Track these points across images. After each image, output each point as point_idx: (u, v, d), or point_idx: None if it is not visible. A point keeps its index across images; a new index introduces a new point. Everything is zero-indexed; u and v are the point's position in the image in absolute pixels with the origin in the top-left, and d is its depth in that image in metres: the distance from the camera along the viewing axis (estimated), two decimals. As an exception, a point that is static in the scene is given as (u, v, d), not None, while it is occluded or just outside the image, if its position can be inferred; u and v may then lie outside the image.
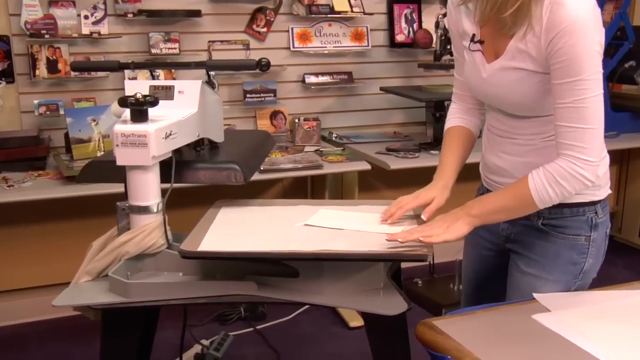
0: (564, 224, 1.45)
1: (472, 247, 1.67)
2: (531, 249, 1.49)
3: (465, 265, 1.72)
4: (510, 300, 1.49)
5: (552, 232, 1.46)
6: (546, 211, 1.43)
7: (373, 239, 1.39)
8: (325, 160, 2.79)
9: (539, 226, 1.47)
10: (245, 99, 3.09)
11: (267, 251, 1.33)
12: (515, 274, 1.52)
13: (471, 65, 1.49)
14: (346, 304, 1.37)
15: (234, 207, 1.63)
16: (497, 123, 1.50)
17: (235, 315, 2.90)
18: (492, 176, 1.55)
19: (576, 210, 1.45)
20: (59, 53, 2.79)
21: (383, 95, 3.29)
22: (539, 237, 1.48)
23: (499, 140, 1.50)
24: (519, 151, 1.46)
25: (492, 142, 1.53)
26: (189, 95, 1.49)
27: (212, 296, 1.36)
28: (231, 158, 1.57)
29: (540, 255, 1.47)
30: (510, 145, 1.48)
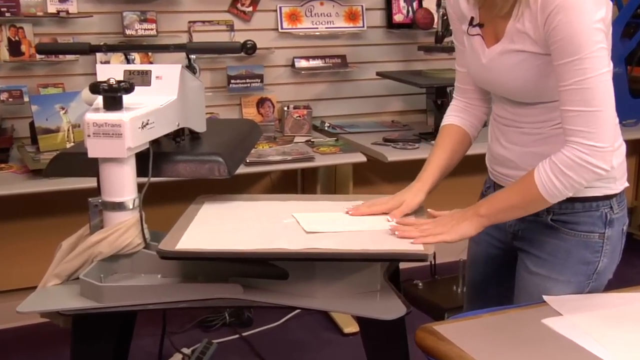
0: (575, 219, 1.45)
1: (478, 244, 1.68)
2: (540, 247, 1.50)
3: (469, 264, 1.73)
4: (518, 303, 1.50)
5: (563, 229, 1.46)
6: (556, 206, 1.42)
7: (368, 237, 1.39)
8: (316, 151, 2.79)
9: (549, 222, 1.48)
10: (229, 85, 3.08)
11: (254, 250, 1.33)
12: (524, 274, 1.53)
13: (471, 52, 1.50)
14: (340, 307, 1.37)
15: (217, 202, 1.63)
16: (503, 112, 1.51)
17: (219, 321, 2.90)
18: (499, 168, 1.56)
19: (589, 205, 1.44)
20: (22, 34, 2.77)
21: (380, 81, 3.29)
22: (548, 234, 1.48)
23: (505, 129, 1.51)
24: (526, 141, 1.47)
25: (498, 132, 1.54)
26: (168, 81, 1.49)
27: (193, 300, 1.36)
28: (214, 149, 1.57)
29: (549, 254, 1.48)
30: (516, 134, 1.49)
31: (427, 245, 1.35)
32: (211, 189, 1.79)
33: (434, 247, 1.35)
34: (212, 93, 3.04)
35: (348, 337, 2.85)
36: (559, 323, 1.28)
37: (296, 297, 1.38)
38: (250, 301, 1.37)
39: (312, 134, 3.07)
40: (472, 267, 1.72)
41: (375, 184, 3.36)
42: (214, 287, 1.37)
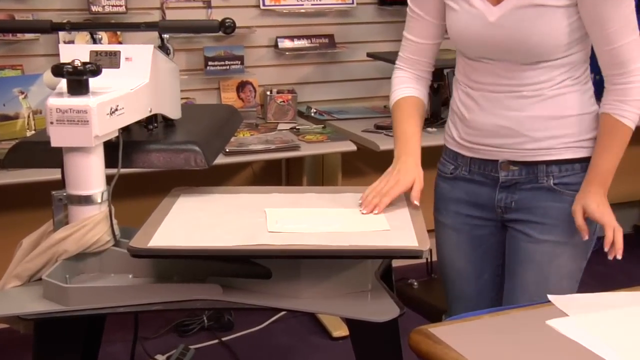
0: (577, 180, 1.57)
1: (458, 231, 1.71)
2: (545, 213, 1.58)
3: (451, 256, 1.74)
4: (524, 277, 1.56)
5: (566, 192, 1.57)
6: (556, 169, 1.57)
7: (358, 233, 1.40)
8: (302, 140, 2.79)
9: (551, 186, 1.57)
10: (206, 68, 3.07)
11: (234, 247, 1.33)
12: (528, 245, 1.60)
13: (466, 15, 1.54)
14: (328, 309, 1.38)
15: (193, 195, 1.63)
16: (493, 77, 1.56)
17: (197, 324, 2.90)
18: (486, 139, 1.60)
19: (586, 166, 1.57)
20: (-23, 11, 2.74)
21: (371, 63, 3.28)
22: (551, 199, 1.58)
23: (498, 97, 1.56)
24: (524, 104, 1.54)
25: (486, 101, 1.58)
26: (139, 63, 1.49)
27: (168, 302, 1.36)
28: (190, 138, 1.56)
29: (556, 218, 1.57)
30: (513, 99, 1.55)
31: (422, 240, 1.36)
32: (187, 180, 1.79)
33: (429, 243, 1.35)
34: (188, 76, 3.03)
35: (337, 341, 2.85)
36: (564, 324, 1.29)
37: (280, 298, 1.38)
38: (231, 303, 1.37)
39: (297, 121, 3.06)
40: (457, 258, 1.74)
41: (366, 175, 3.36)
42: (191, 287, 1.37)
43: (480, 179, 1.66)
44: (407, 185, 1.55)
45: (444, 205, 1.73)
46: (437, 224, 1.77)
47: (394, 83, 1.72)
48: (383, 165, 1.70)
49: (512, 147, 1.59)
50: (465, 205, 1.69)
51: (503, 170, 1.62)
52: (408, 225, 1.45)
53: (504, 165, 1.62)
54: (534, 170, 1.60)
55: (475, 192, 1.67)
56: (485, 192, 1.66)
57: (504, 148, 1.60)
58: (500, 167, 1.62)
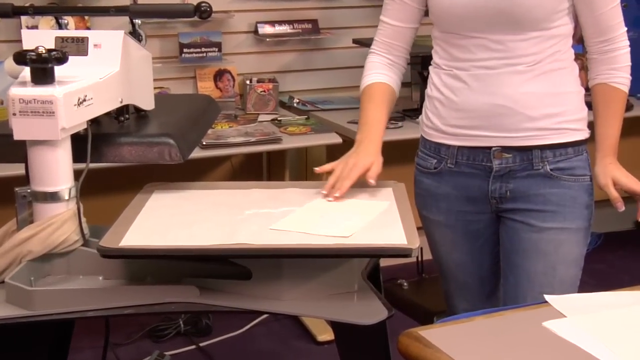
0: (571, 165, 1.65)
1: (452, 228, 1.73)
2: (545, 201, 1.63)
3: (449, 254, 1.76)
4: (532, 271, 1.63)
5: (563, 177, 1.64)
6: (550, 154, 1.63)
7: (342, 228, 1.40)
8: (284, 132, 2.79)
9: (547, 172, 1.63)
10: (181, 55, 3.05)
11: (211, 246, 1.33)
12: (530, 236, 1.64)
13: None
14: (312, 311, 1.38)
15: (168, 191, 1.62)
16: (484, 52, 1.59)
17: (173, 329, 2.89)
18: (480, 122, 1.62)
19: (577, 149, 1.66)
20: None
21: (357, 50, 3.28)
22: (549, 185, 1.63)
23: (490, 74, 1.60)
24: (520, 80, 1.60)
25: (477, 80, 1.61)
26: (108, 50, 1.48)
27: (141, 305, 1.35)
28: (164, 130, 1.56)
29: (557, 204, 1.63)
30: (507, 75, 1.59)
31: (411, 238, 1.36)
32: (161, 176, 1.79)
33: (419, 241, 1.36)
34: (162, 64, 3.02)
35: (322, 345, 2.86)
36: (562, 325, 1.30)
37: (261, 300, 1.38)
38: (208, 305, 1.37)
39: (278, 112, 3.06)
40: (455, 253, 1.76)
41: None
42: (165, 289, 1.37)
43: (469, 171, 1.67)
44: (365, 167, 1.59)
45: (432, 202, 1.74)
46: (427, 222, 1.78)
47: (366, 68, 1.77)
48: (370, 158, 1.69)
49: (506, 129, 1.62)
50: (455, 201, 1.71)
51: (496, 158, 1.64)
52: (396, 222, 1.45)
53: (497, 153, 1.64)
54: (528, 156, 1.63)
55: (464, 185, 1.69)
56: (476, 184, 1.67)
57: (497, 132, 1.62)
58: (493, 156, 1.63)
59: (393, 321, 1.35)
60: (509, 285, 1.70)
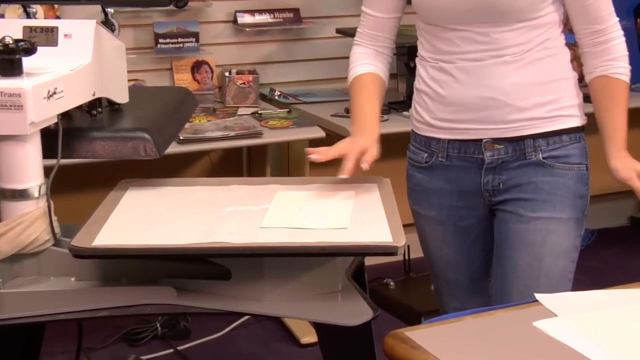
0: (566, 153, 1.66)
1: (443, 224, 1.75)
2: (535, 189, 1.64)
3: (439, 251, 1.78)
4: (518, 262, 1.64)
5: (556, 165, 1.65)
6: (544, 143, 1.64)
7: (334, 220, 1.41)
8: (265, 125, 2.79)
9: (540, 160, 1.64)
10: (157, 46, 3.04)
11: (189, 245, 1.33)
12: (518, 226, 1.65)
13: None
14: (294, 312, 1.38)
15: (143, 188, 1.62)
16: (470, 44, 1.61)
17: (149, 332, 2.88)
18: (468, 115, 1.64)
19: (574, 137, 1.67)
20: None
21: (341, 40, 3.28)
22: (541, 173, 1.65)
23: (477, 66, 1.61)
24: (507, 71, 1.61)
25: (464, 72, 1.62)
26: (80, 41, 1.48)
27: (115, 307, 1.36)
28: (139, 124, 1.56)
29: (548, 193, 1.64)
30: (494, 67, 1.61)
31: (397, 235, 1.37)
32: (136, 172, 1.78)
33: (405, 238, 1.36)
34: (136, 55, 3.00)
35: (306, 348, 2.86)
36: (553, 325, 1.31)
37: (242, 301, 1.38)
38: (186, 307, 1.37)
39: (259, 105, 3.06)
40: (445, 250, 1.77)
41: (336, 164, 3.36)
42: (141, 291, 1.37)
43: (460, 164, 1.68)
44: (363, 146, 1.59)
45: (424, 197, 1.75)
46: (419, 217, 1.79)
47: (352, 60, 1.77)
48: (354, 153, 1.70)
49: (496, 121, 1.63)
50: (447, 195, 1.72)
51: (488, 150, 1.65)
52: (381, 219, 1.45)
53: (488, 144, 1.65)
54: (520, 146, 1.65)
55: (456, 179, 1.70)
56: (468, 177, 1.68)
57: (487, 124, 1.64)
58: (484, 148, 1.65)
59: (379, 322, 1.36)
60: (497, 277, 1.72)
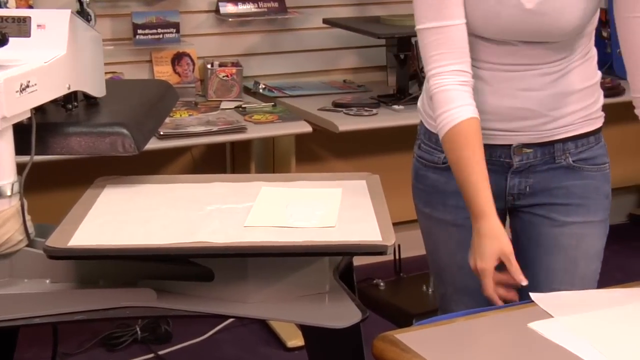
0: (593, 154, 1.68)
1: (459, 227, 1.70)
2: (568, 194, 1.65)
3: (451, 256, 1.76)
4: (552, 267, 1.65)
5: (585, 167, 1.66)
6: (572, 145, 1.65)
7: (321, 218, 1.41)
8: (249, 120, 2.78)
9: (570, 164, 1.65)
10: (135, 37, 3.03)
11: (169, 245, 1.32)
12: (551, 231, 1.66)
13: (495, 2, 1.52)
14: (280, 315, 1.38)
15: (121, 186, 1.62)
16: (511, 57, 1.59)
17: (129, 337, 2.88)
18: (500, 124, 1.62)
19: (598, 137, 1.69)
20: None
21: (328, 31, 3.29)
22: (572, 177, 1.66)
23: (515, 76, 1.60)
24: (546, 82, 1.60)
25: (500, 81, 1.60)
26: (54, 31, 1.47)
27: (93, 310, 1.35)
28: (117, 119, 1.55)
29: (581, 197, 1.65)
30: (533, 78, 1.60)
31: (386, 234, 1.37)
32: (114, 169, 1.78)
33: (394, 237, 1.37)
34: (114, 47, 2.99)
35: (293, 351, 2.86)
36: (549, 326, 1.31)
37: (225, 303, 1.38)
38: (167, 310, 1.37)
39: (243, 98, 3.05)
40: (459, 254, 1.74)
41: (323, 160, 3.38)
42: (120, 293, 1.36)
43: None
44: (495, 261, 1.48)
45: (440, 199, 1.72)
46: (430, 221, 1.75)
47: (445, 99, 1.52)
48: (342, 148, 1.71)
49: (530, 129, 1.63)
50: None
51: (517, 155, 1.64)
52: (370, 217, 1.46)
53: (518, 149, 1.64)
54: (549, 150, 1.65)
55: None
56: (492, 180, 1.63)
57: (519, 131, 1.63)
58: (513, 152, 1.64)
59: (368, 324, 1.36)
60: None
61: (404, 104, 2.86)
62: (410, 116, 1.78)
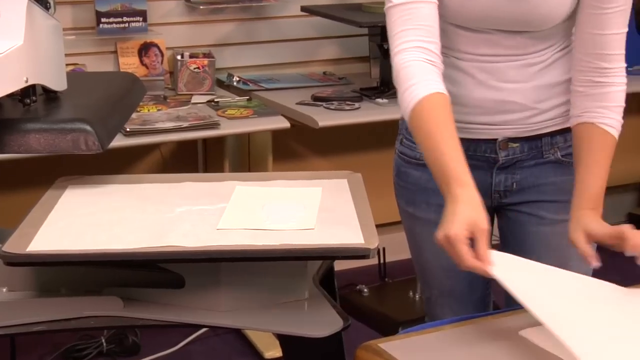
0: None
1: None
2: (556, 190, 1.67)
3: (436, 257, 1.77)
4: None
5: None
6: (561, 139, 1.67)
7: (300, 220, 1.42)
8: (223, 115, 2.78)
9: (558, 159, 1.67)
10: (99, 26, 3.02)
11: (136, 250, 1.32)
12: (540, 230, 1.68)
13: None
14: (256, 324, 1.38)
15: (85, 187, 1.61)
16: (490, 47, 1.60)
17: (93, 349, 2.87)
18: (484, 117, 1.63)
19: None
20: None
21: (307, 19, 3.29)
22: (561, 172, 1.67)
23: (496, 67, 1.61)
24: (529, 73, 1.61)
25: (483, 72, 1.61)
26: (9, 20, 1.46)
27: (54, 321, 1.35)
28: (79, 114, 1.55)
29: (570, 193, 1.63)
30: (516, 69, 1.61)
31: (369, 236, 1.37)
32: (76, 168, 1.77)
33: (378, 239, 1.37)
34: (75, 36, 2.98)
35: (270, 364, 2.87)
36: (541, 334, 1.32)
37: (197, 311, 1.38)
38: (135, 319, 1.37)
39: (215, 92, 3.05)
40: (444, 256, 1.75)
41: (302, 158, 3.38)
42: (83, 302, 1.36)
43: (468, 162, 1.64)
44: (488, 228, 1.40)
45: (422, 197, 1.73)
46: (413, 220, 1.77)
47: (409, 75, 1.50)
48: (322, 145, 1.71)
49: (515, 123, 1.64)
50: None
51: (502, 149, 1.65)
52: (352, 218, 1.46)
53: (503, 144, 1.65)
54: (537, 144, 1.66)
55: None
56: (476, 176, 1.63)
57: (504, 125, 1.64)
58: (498, 147, 1.65)
59: (351, 333, 1.37)
60: None
61: (388, 98, 2.87)
62: (395, 110, 1.77)
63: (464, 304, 1.80)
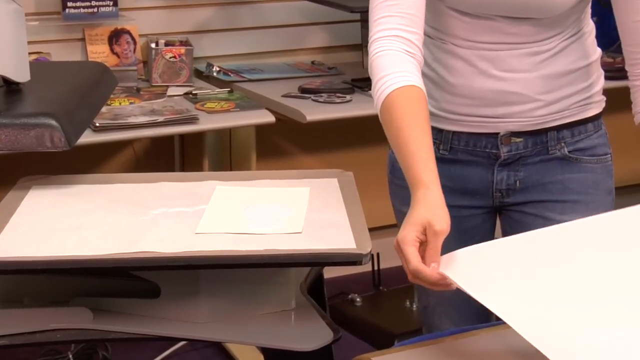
0: (592, 143, 1.70)
1: None
2: (563, 189, 1.68)
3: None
4: None
5: (583, 158, 1.68)
6: (568, 134, 1.67)
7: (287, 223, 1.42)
8: (202, 109, 2.78)
9: (566, 155, 1.67)
10: (65, 10, 3.02)
11: (107, 256, 1.32)
12: None
13: None
14: (238, 337, 1.39)
15: (50, 187, 1.61)
16: (492, 35, 1.60)
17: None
18: (485, 110, 1.64)
19: (597, 124, 1.71)
20: None
21: (291, 4, 3.29)
22: (568, 169, 1.68)
23: (499, 55, 1.61)
24: (533, 62, 1.62)
25: (483, 60, 1.62)
26: (-33, 4, 1.47)
27: (17, 334, 1.35)
28: (44, 108, 1.55)
29: (579, 192, 1.67)
30: (519, 58, 1.61)
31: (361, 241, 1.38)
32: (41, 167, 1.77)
33: (371, 244, 1.38)
34: (39, 22, 2.98)
35: (254, 380, 2.87)
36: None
37: (174, 323, 1.39)
38: (105, 332, 1.37)
39: (194, 84, 3.05)
40: None
41: (288, 155, 3.38)
42: (49, 313, 1.36)
43: (467, 159, 1.67)
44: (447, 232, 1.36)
45: None
46: None
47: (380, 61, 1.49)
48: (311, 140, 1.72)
49: (518, 115, 1.65)
50: (449, 194, 1.67)
51: (504, 144, 1.66)
52: (343, 221, 1.47)
53: (506, 138, 1.66)
54: (542, 139, 1.67)
55: (461, 176, 1.69)
56: (476, 174, 1.68)
57: (506, 118, 1.65)
58: (501, 142, 1.66)
59: (342, 346, 1.37)
60: None
61: (381, 89, 2.88)
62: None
63: (464, 314, 1.80)
